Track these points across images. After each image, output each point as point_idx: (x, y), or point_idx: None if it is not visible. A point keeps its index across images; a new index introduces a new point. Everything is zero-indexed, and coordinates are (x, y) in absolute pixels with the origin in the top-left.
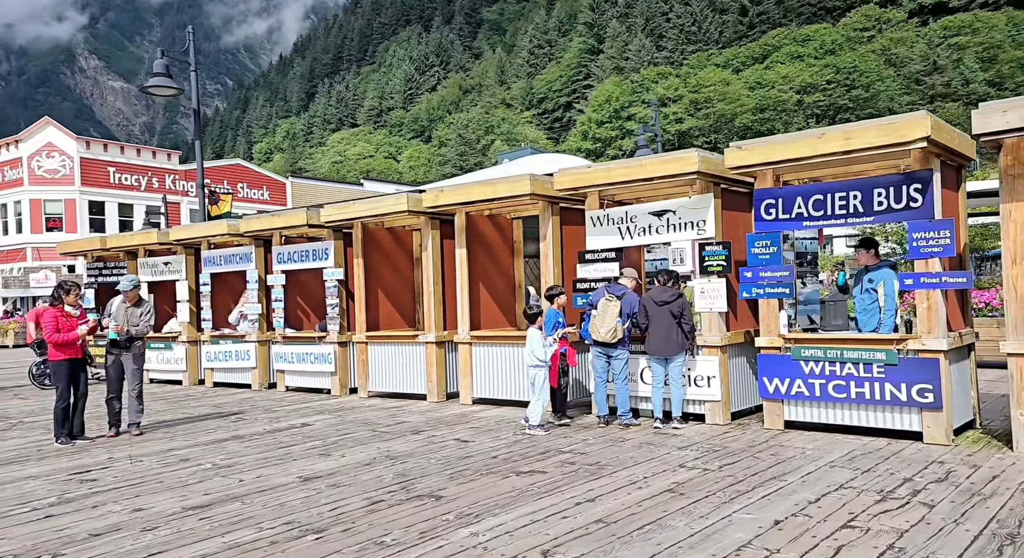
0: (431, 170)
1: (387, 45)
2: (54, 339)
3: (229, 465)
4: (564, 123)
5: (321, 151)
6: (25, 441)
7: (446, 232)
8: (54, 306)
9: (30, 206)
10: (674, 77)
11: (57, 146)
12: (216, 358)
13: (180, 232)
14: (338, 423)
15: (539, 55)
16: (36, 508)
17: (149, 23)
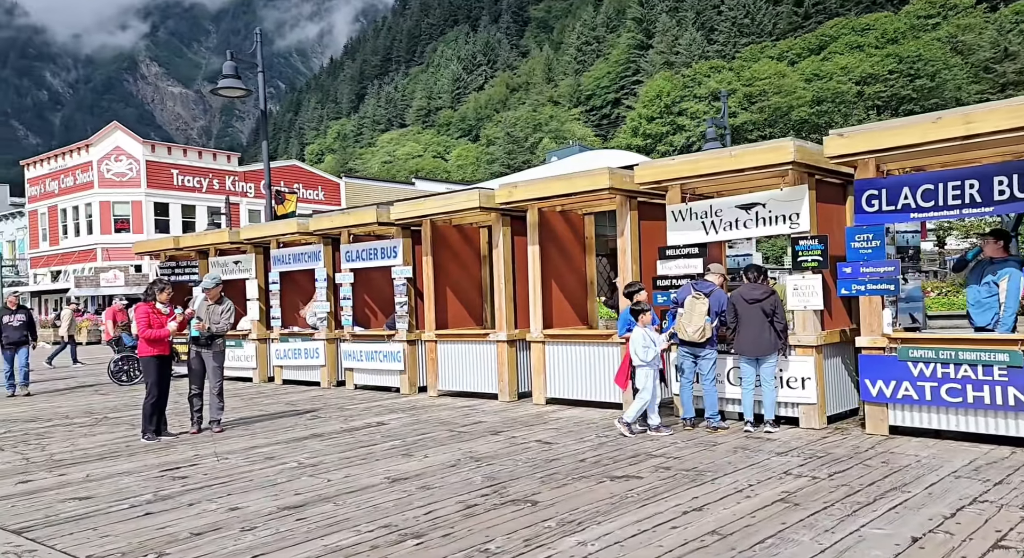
0: (479, 169)
1: (435, 45)
2: (147, 334)
3: (314, 464)
4: (612, 120)
5: (371, 151)
6: (113, 437)
7: (516, 229)
8: (147, 302)
9: (100, 208)
10: (727, 70)
11: (125, 150)
12: (285, 356)
13: (250, 231)
14: (413, 422)
15: (587, 52)
16: (134, 505)
17: (206, 30)
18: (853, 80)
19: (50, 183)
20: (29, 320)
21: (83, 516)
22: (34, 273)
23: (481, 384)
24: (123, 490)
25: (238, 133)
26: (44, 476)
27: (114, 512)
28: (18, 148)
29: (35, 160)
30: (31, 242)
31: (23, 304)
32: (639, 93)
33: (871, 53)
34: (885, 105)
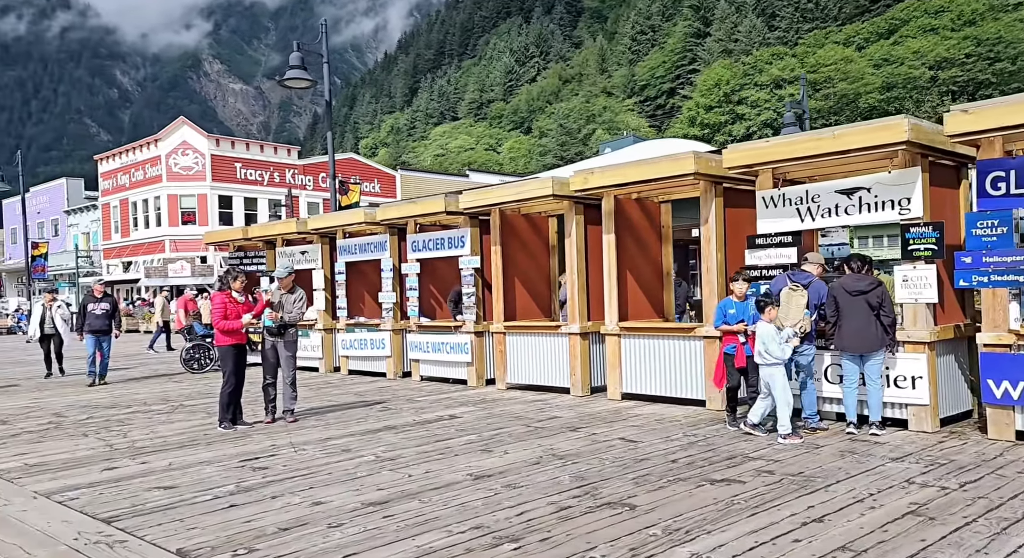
0: (531, 161)
1: (487, 38)
2: (221, 325)
3: (392, 458)
4: (667, 110)
5: (424, 145)
6: (190, 424)
7: (589, 218)
8: (222, 291)
9: (168, 201)
10: (790, 57)
11: (191, 144)
12: (352, 346)
13: (317, 221)
14: (486, 416)
15: (641, 41)
16: (218, 496)
17: (265, 27)
18: (926, 65)
19: (121, 177)
20: (113, 309)
21: (168, 506)
22: (107, 264)
23: (552, 378)
24: (205, 480)
25: (295, 128)
26: (128, 463)
27: (199, 503)
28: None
29: (107, 155)
30: (104, 234)
31: (109, 293)
32: (696, 82)
33: (946, 36)
34: (961, 90)
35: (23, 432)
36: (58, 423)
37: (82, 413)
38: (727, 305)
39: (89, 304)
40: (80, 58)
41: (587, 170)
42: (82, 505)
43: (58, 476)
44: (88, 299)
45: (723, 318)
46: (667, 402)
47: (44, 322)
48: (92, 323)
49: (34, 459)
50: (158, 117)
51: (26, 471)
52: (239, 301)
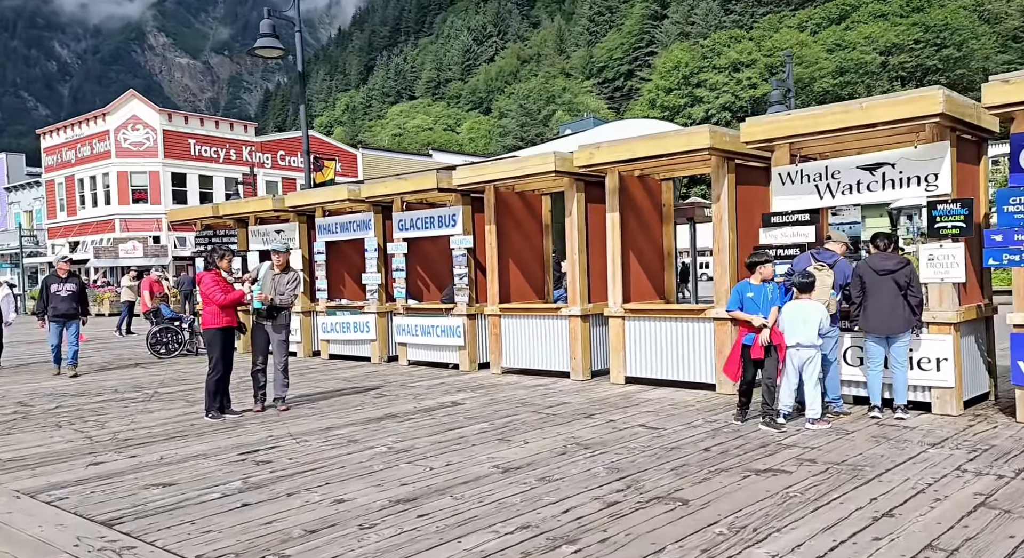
0: (491, 142)
1: (444, 16)
2: (223, 300)
3: (406, 449)
4: (625, 92)
5: (380, 124)
6: (172, 414)
7: (589, 195)
8: (210, 271)
9: (117, 178)
10: (747, 41)
11: (142, 119)
12: (333, 329)
13: (296, 198)
14: (490, 402)
15: (599, 22)
16: (226, 494)
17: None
18: (877, 50)
19: (67, 152)
20: (81, 290)
21: (174, 506)
22: (52, 244)
23: (550, 361)
24: (207, 476)
25: (246, 105)
26: (114, 457)
27: (207, 502)
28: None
29: (51, 129)
30: (48, 212)
31: (75, 272)
32: (654, 64)
33: (896, 22)
34: (910, 76)
35: None
36: (24, 413)
37: (48, 402)
38: (744, 288)
39: (53, 285)
40: (15, 28)
41: (593, 145)
42: (74, 506)
43: (39, 472)
44: (51, 279)
45: (739, 303)
46: (673, 386)
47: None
48: (57, 306)
49: (7, 453)
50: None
51: (1, 467)
52: (229, 281)
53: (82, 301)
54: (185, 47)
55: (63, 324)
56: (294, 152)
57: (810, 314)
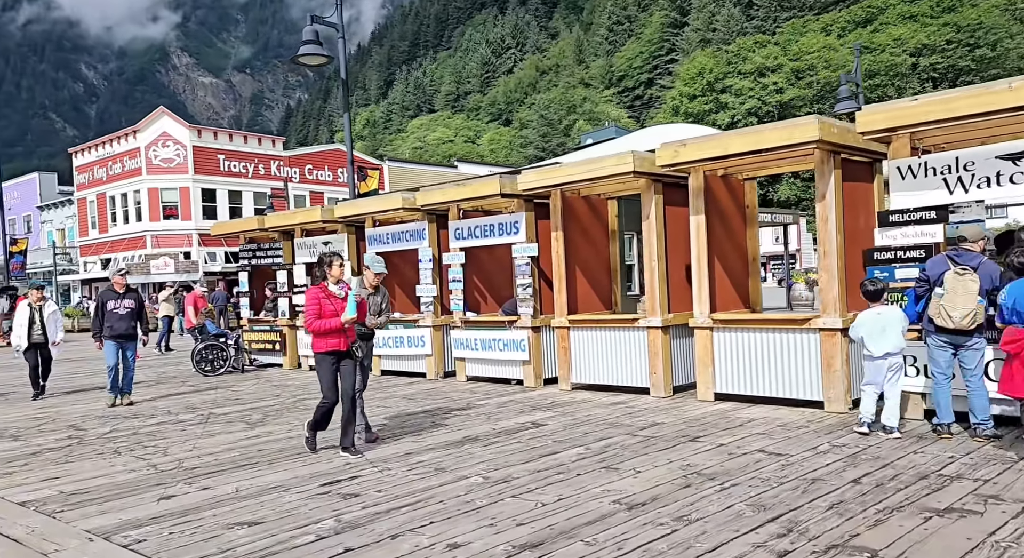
0: (512, 153)
1: (463, 29)
2: (315, 327)
3: (504, 480)
4: (645, 101)
5: (401, 137)
6: (234, 438)
7: (666, 198)
8: (316, 285)
9: (148, 195)
10: (772, 45)
11: (172, 135)
12: (385, 344)
13: (347, 208)
14: (574, 423)
15: (618, 32)
16: (322, 536)
17: (235, 19)
18: (907, 51)
19: (98, 170)
20: (139, 307)
21: (267, 552)
22: (84, 261)
23: (626, 377)
24: (293, 513)
25: (268, 122)
26: (185, 489)
27: (304, 547)
28: (56, 140)
29: (83, 147)
30: (80, 230)
31: (132, 287)
32: (676, 72)
33: (926, 23)
34: (942, 77)
35: (43, 450)
36: (79, 438)
37: (102, 425)
38: None
39: (109, 302)
40: (43, 52)
41: (678, 142)
42: (155, 551)
43: (107, 508)
44: (107, 295)
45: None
46: (771, 403)
47: (33, 327)
48: (114, 326)
49: (69, 485)
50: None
51: (66, 501)
52: (337, 295)
53: (141, 319)
54: (208, 66)
55: (121, 345)
56: (321, 166)
57: (888, 321)
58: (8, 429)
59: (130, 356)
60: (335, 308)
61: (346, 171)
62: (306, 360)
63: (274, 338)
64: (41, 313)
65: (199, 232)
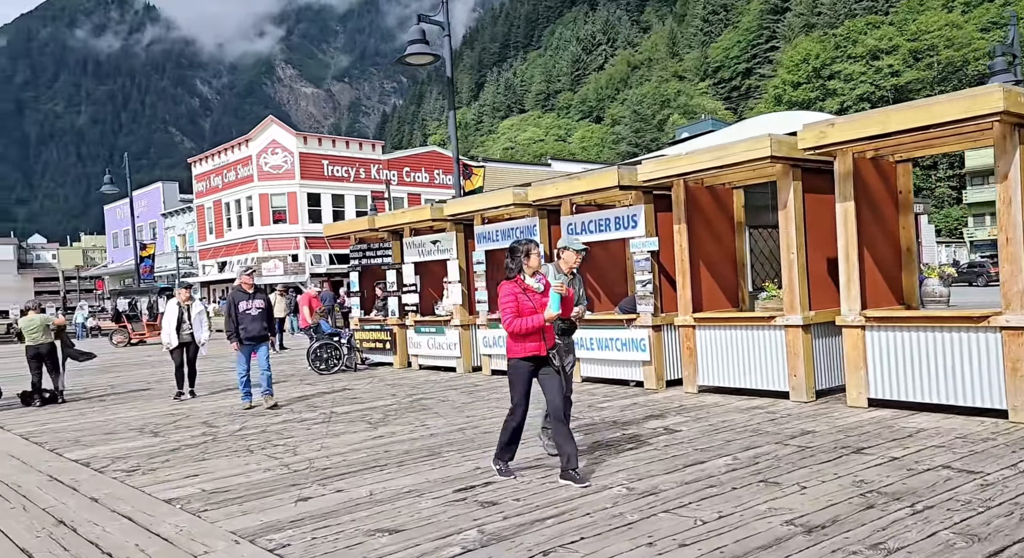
0: (603, 150)
1: (553, 28)
2: (515, 327)
3: (651, 491)
4: (743, 92)
5: (492, 138)
6: (359, 438)
7: (804, 185)
8: (510, 279)
9: (259, 200)
10: (887, 26)
11: (280, 143)
12: (497, 344)
13: (456, 206)
14: (711, 429)
15: (713, 22)
16: (468, 549)
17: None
18: None
19: (214, 179)
20: (269, 308)
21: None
22: (202, 264)
23: (761, 379)
24: (433, 520)
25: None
26: (321, 491)
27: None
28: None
29: (201, 157)
30: (199, 235)
31: (260, 287)
32: (777, 60)
33: None
34: None
35: (181, 446)
36: (213, 435)
37: (231, 422)
38: None
39: (240, 302)
40: (164, 69)
41: (823, 123)
42: (301, 557)
43: (247, 508)
44: (238, 296)
45: None
46: (937, 410)
47: (182, 325)
48: (248, 328)
49: (209, 483)
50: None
51: (207, 500)
52: (535, 289)
53: (270, 320)
54: (309, 77)
55: (252, 348)
56: (419, 168)
57: None
58: (148, 424)
59: (263, 357)
60: (534, 305)
61: (441, 172)
62: (415, 360)
63: (384, 337)
64: (189, 312)
65: (305, 235)
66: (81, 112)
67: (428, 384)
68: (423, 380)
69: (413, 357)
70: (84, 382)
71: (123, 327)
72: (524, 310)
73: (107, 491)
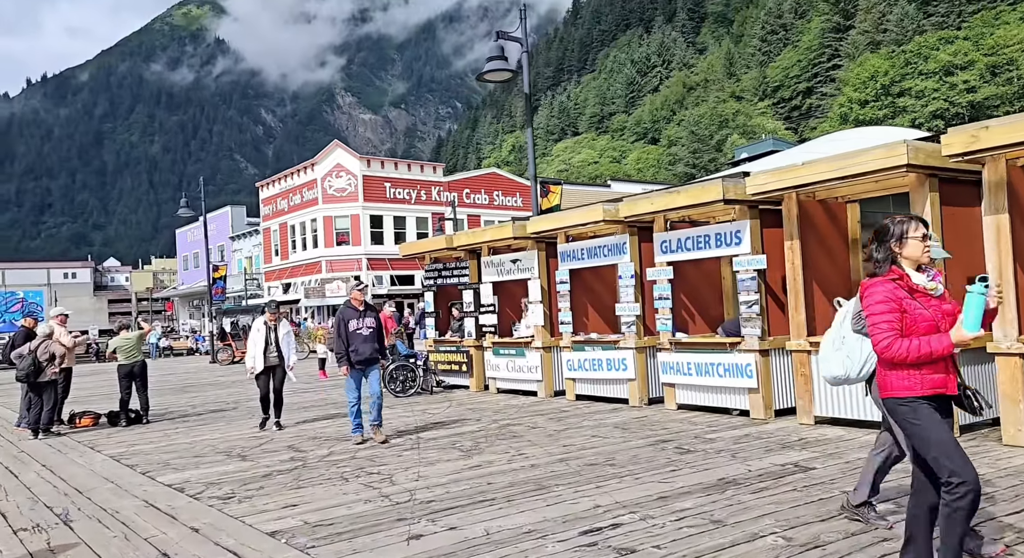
0: (660, 171)
1: (607, 51)
2: (902, 354)
3: (814, 544)
4: (804, 111)
5: (546, 161)
6: (455, 466)
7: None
8: (879, 278)
9: (323, 223)
10: (961, 41)
11: (344, 166)
12: (581, 367)
13: (540, 223)
14: (847, 468)
15: (771, 41)
16: None
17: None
18: None
19: (280, 202)
20: (380, 327)
21: None
22: (268, 286)
23: None
24: None
25: (420, 152)
26: (432, 528)
27: None
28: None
29: (268, 182)
30: (265, 257)
31: (372, 305)
32: (840, 78)
33: None
34: None
35: (272, 472)
36: (302, 460)
37: (319, 446)
38: None
39: (351, 321)
40: (231, 100)
41: (978, 125)
42: None
43: (357, 546)
44: (348, 313)
45: None
46: None
47: (268, 349)
48: (359, 349)
49: (310, 514)
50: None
51: (313, 535)
52: (929, 291)
53: (381, 340)
54: (367, 104)
55: (363, 372)
56: (478, 189)
57: None
58: (234, 448)
59: (375, 381)
60: (932, 315)
61: (501, 193)
62: (493, 383)
63: (460, 359)
64: (276, 333)
65: (367, 257)
66: (154, 142)
67: (511, 409)
68: (504, 404)
69: (490, 380)
70: (163, 402)
71: (228, 345)
72: (919, 325)
73: (207, 520)
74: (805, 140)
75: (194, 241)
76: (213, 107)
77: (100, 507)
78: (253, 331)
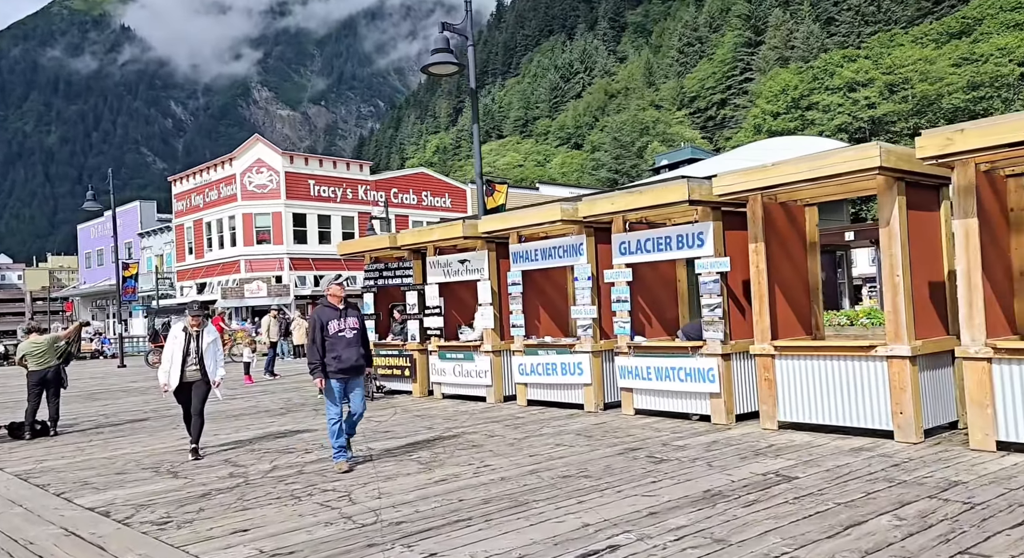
0: (583, 176)
1: (531, 56)
2: None
3: None
4: (719, 121)
5: (470, 163)
6: (417, 481)
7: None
8: None
9: (242, 220)
10: (863, 59)
11: (265, 162)
12: (534, 371)
13: (493, 222)
14: (832, 477)
15: (688, 53)
16: None
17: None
18: (1015, 61)
19: (195, 197)
20: (363, 329)
21: None
22: (181, 286)
23: (856, 416)
24: None
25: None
26: (407, 555)
27: None
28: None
29: (182, 176)
30: (178, 255)
31: (353, 303)
32: (753, 91)
33: None
34: None
35: (211, 491)
36: (243, 476)
37: (259, 460)
38: None
39: (330, 322)
40: (137, 90)
41: (953, 128)
42: None
43: None
44: (326, 313)
45: None
46: None
47: (188, 360)
48: (342, 356)
49: (265, 541)
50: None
51: None
52: None
53: (366, 344)
54: (285, 99)
55: (347, 382)
56: (406, 189)
57: None
58: (162, 462)
59: (358, 398)
60: None
61: (430, 194)
62: (438, 388)
63: (403, 363)
64: (199, 342)
65: (290, 256)
66: (51, 132)
67: (462, 416)
68: (453, 411)
69: (435, 385)
70: (71, 411)
71: (160, 347)
72: None
73: (142, 551)
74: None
75: (98, 237)
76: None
77: (8, 536)
78: (170, 338)
